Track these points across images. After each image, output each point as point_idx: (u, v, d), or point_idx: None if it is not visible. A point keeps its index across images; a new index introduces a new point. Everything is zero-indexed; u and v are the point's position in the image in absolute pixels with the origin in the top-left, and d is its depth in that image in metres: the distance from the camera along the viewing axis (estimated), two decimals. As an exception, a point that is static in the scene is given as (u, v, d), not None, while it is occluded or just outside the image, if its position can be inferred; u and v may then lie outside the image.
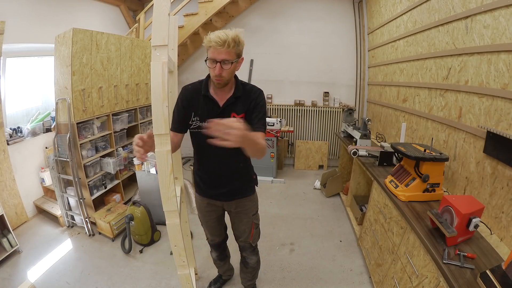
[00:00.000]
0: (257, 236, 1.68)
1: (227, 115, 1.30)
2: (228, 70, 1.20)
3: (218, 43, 1.13)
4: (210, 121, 0.92)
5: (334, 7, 3.99)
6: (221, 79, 1.22)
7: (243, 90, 1.34)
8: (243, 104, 1.33)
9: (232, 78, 1.30)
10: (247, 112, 1.33)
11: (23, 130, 2.86)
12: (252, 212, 1.61)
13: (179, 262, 1.16)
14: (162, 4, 0.89)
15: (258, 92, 1.37)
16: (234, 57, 1.19)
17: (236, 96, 1.31)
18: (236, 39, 1.15)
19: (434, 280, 1.18)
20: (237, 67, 1.26)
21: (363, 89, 3.97)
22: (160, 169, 0.95)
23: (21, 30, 2.70)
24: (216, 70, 1.18)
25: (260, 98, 1.36)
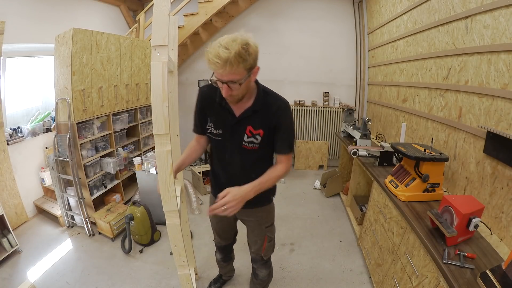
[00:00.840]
0: (270, 249, 1.56)
1: (243, 128, 1.18)
2: (239, 89, 1.04)
3: (218, 64, 0.94)
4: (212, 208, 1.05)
5: (334, 7, 3.99)
6: (232, 98, 1.09)
7: (264, 103, 1.16)
8: (262, 119, 1.17)
9: (249, 89, 1.14)
10: (267, 130, 1.18)
11: (23, 130, 2.86)
12: (266, 223, 1.47)
13: (179, 262, 1.16)
14: (162, 4, 0.89)
15: (282, 108, 1.18)
16: (243, 75, 1.00)
17: (254, 110, 1.16)
18: (242, 52, 0.94)
19: (434, 280, 1.18)
20: (251, 81, 1.09)
21: (363, 89, 3.97)
22: (160, 169, 0.95)
23: (21, 30, 2.70)
24: (223, 92, 1.04)
25: (285, 117, 1.18)
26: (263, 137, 1.19)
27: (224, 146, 1.25)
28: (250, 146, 1.20)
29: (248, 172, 1.24)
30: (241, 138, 1.19)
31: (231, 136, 1.21)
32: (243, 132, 1.18)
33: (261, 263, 1.59)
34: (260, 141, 1.19)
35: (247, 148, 1.21)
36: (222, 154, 1.28)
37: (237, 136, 1.20)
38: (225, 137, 1.23)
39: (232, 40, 0.95)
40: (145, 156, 2.74)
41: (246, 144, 1.20)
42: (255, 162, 1.25)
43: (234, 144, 1.22)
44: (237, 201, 1.06)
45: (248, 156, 1.23)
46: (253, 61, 1.00)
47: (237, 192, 1.07)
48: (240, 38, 0.96)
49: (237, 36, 0.97)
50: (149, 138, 3.71)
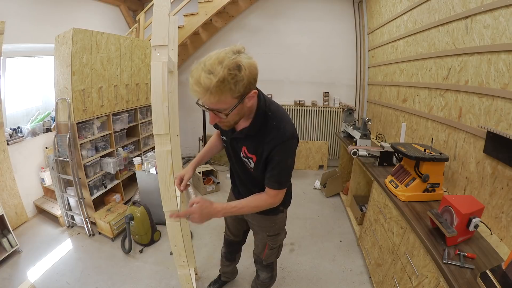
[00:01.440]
0: (272, 256, 1.52)
1: (239, 146, 1.12)
2: (227, 118, 0.91)
3: (197, 93, 0.81)
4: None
5: (334, 7, 3.99)
6: (223, 124, 0.98)
7: (261, 128, 1.02)
8: (256, 145, 1.05)
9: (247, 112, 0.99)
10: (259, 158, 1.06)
11: (23, 130, 2.86)
12: (269, 232, 1.41)
13: (179, 262, 1.16)
14: (162, 4, 0.89)
15: (277, 140, 0.99)
16: (230, 103, 0.85)
17: (247, 134, 1.06)
18: (228, 79, 0.78)
19: (434, 280, 1.18)
20: (245, 107, 0.92)
21: (363, 89, 3.97)
22: (160, 169, 0.95)
23: (21, 30, 2.70)
24: (210, 120, 0.93)
25: (278, 151, 1.00)
26: (256, 164, 1.09)
27: (229, 154, 1.24)
28: (247, 163, 1.14)
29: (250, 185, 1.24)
30: (239, 152, 1.15)
31: (231, 148, 1.18)
32: (240, 149, 1.13)
33: (260, 265, 1.58)
34: (254, 166, 1.11)
35: (245, 163, 1.16)
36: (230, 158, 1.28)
37: (236, 150, 1.17)
38: (227, 146, 1.21)
39: (218, 61, 0.78)
40: (145, 156, 2.74)
41: (244, 159, 1.15)
42: (254, 178, 1.19)
43: (235, 155, 1.19)
44: (202, 216, 1.00)
45: (247, 172, 1.19)
46: (244, 88, 0.83)
47: (206, 207, 1.01)
48: (230, 59, 0.78)
49: (227, 55, 0.79)
50: (149, 138, 3.71)
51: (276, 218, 1.39)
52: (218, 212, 1.04)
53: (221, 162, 4.62)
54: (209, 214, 1.03)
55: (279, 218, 1.40)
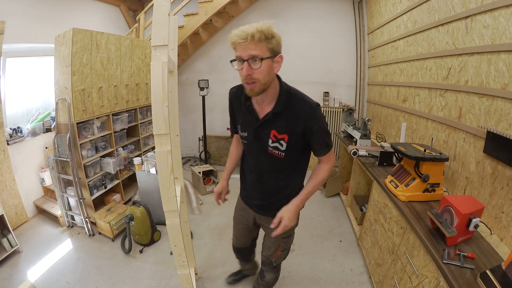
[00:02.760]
0: (282, 257, 1.52)
1: (267, 132, 1.12)
2: (260, 70, 0.96)
3: (241, 36, 0.92)
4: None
5: (334, 7, 3.99)
6: (253, 83, 0.99)
7: (287, 104, 1.08)
8: (287, 123, 1.08)
9: (271, 83, 1.05)
10: (293, 135, 1.09)
11: (23, 130, 2.86)
12: (283, 234, 1.37)
13: (179, 262, 1.16)
14: (162, 4, 0.89)
15: (308, 113, 1.07)
16: (266, 53, 0.95)
17: (275, 112, 1.08)
18: (266, 31, 0.93)
19: (434, 280, 1.18)
20: (274, 68, 1.02)
21: (363, 89, 3.97)
22: (160, 169, 0.95)
23: (21, 30, 2.70)
24: (243, 71, 0.97)
25: (313, 121, 1.07)
26: (289, 144, 1.10)
27: (249, 151, 1.24)
28: (276, 152, 1.13)
29: (276, 180, 1.22)
30: (266, 142, 1.13)
31: (255, 140, 1.16)
32: (268, 137, 1.12)
33: (269, 266, 1.55)
34: (285, 148, 1.11)
35: (273, 153, 1.15)
36: (248, 158, 1.28)
37: (261, 141, 1.15)
38: (250, 141, 1.19)
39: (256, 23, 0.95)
40: (145, 156, 2.74)
41: (272, 150, 1.14)
42: (284, 170, 1.20)
43: (259, 149, 1.17)
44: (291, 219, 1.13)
45: (276, 163, 1.17)
46: (276, 45, 0.97)
47: (289, 214, 1.12)
48: (264, 22, 0.95)
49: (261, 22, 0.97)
50: (149, 138, 3.71)
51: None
52: (298, 206, 1.16)
53: (221, 162, 4.62)
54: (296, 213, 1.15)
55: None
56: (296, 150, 1.14)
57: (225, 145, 4.56)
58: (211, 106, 4.48)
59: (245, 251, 1.76)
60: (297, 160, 1.21)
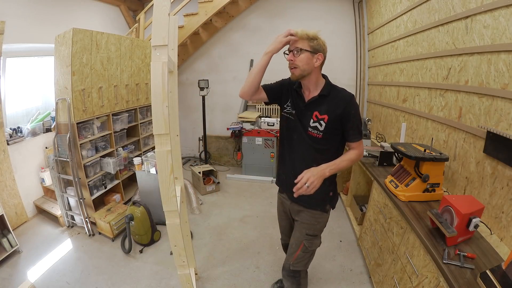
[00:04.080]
0: (301, 261, 1.46)
1: (310, 113, 1.31)
2: (300, 58, 1.23)
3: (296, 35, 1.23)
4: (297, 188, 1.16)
5: (334, 7, 3.99)
6: (294, 68, 1.25)
7: (331, 91, 1.31)
8: (328, 106, 1.28)
9: (311, 73, 1.28)
10: (332, 117, 1.27)
11: (23, 130, 2.86)
12: (308, 230, 1.41)
13: (179, 262, 1.16)
14: (162, 4, 0.89)
15: (348, 99, 1.28)
16: (307, 47, 1.22)
17: (321, 95, 1.30)
18: (311, 33, 1.22)
19: (434, 280, 1.18)
20: (313, 62, 1.25)
21: (363, 89, 3.96)
22: (160, 169, 0.95)
23: (21, 30, 2.70)
24: (288, 57, 1.26)
25: (351, 107, 1.27)
26: (327, 124, 1.27)
27: (295, 126, 1.36)
28: (315, 132, 1.29)
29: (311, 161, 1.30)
30: (307, 122, 1.30)
31: (300, 119, 1.34)
32: (310, 117, 1.30)
33: (287, 272, 1.50)
34: (324, 128, 1.27)
35: (311, 134, 1.30)
36: (291, 133, 1.38)
37: (305, 120, 1.32)
38: (296, 118, 1.35)
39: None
40: (145, 156, 2.74)
41: (311, 130, 1.30)
42: (319, 151, 1.32)
43: (301, 129, 1.33)
44: (316, 177, 1.15)
45: (314, 142, 1.31)
46: (317, 45, 1.23)
47: (314, 170, 1.17)
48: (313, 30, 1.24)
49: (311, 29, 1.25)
50: (149, 138, 3.71)
51: (320, 217, 1.43)
52: (325, 170, 1.19)
53: (221, 162, 4.62)
54: (320, 174, 1.17)
55: (323, 218, 1.44)
56: (332, 132, 1.28)
57: (225, 145, 4.56)
58: (211, 106, 4.48)
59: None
60: (332, 144, 1.33)
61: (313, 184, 1.13)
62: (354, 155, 1.30)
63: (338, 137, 1.32)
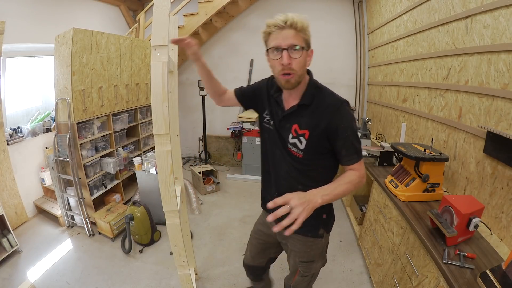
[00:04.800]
0: (303, 284, 1.34)
1: (289, 126, 1.04)
2: (299, 60, 0.92)
3: (279, 25, 0.91)
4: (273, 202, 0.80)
5: (334, 7, 3.99)
6: (291, 73, 0.93)
7: (314, 98, 1.01)
8: (310, 117, 1.00)
9: (304, 77, 1.01)
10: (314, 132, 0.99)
11: (23, 130, 2.86)
12: (301, 258, 1.23)
13: (179, 262, 1.16)
14: (162, 4, 0.89)
15: (335, 108, 0.98)
16: (303, 44, 0.93)
17: (300, 104, 1.01)
18: (304, 21, 0.94)
19: (434, 280, 1.18)
20: (307, 61, 0.99)
21: (363, 89, 3.96)
22: (160, 169, 0.95)
23: (21, 30, 2.70)
24: (284, 59, 0.91)
25: (340, 119, 0.97)
26: (309, 141, 1.00)
27: (276, 140, 1.11)
28: (294, 150, 1.04)
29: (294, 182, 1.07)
30: (286, 136, 1.06)
31: (277, 132, 1.09)
32: (289, 130, 1.04)
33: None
34: (305, 146, 1.01)
35: (291, 152, 1.05)
36: (274, 148, 1.13)
37: (284, 133, 1.07)
38: (273, 133, 1.12)
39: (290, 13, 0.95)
40: (145, 156, 2.74)
41: (291, 147, 1.05)
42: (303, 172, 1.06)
43: (280, 144, 1.09)
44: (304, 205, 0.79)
45: (294, 162, 1.06)
46: (309, 37, 0.97)
47: (302, 195, 0.82)
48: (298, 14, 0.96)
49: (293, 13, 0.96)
50: (149, 138, 3.71)
51: (313, 243, 1.20)
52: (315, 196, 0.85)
53: (221, 162, 4.62)
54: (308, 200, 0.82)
55: (316, 244, 1.21)
56: (316, 151, 1.02)
57: (225, 145, 4.56)
58: (211, 106, 4.47)
59: (258, 271, 1.54)
60: (319, 164, 1.06)
61: (302, 215, 0.78)
62: (354, 176, 0.97)
63: (326, 156, 1.04)
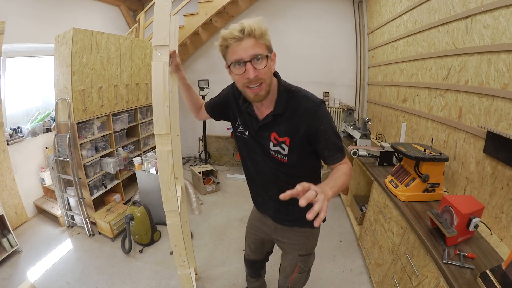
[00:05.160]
0: (300, 282, 1.35)
1: (267, 135, 1.02)
2: (265, 70, 0.88)
3: (236, 37, 0.83)
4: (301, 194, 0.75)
5: (334, 7, 3.99)
6: (261, 83, 0.89)
7: (288, 104, 0.98)
8: (287, 125, 0.98)
9: (272, 82, 0.97)
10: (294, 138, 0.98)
11: (23, 130, 2.86)
12: (301, 251, 1.25)
13: (180, 262, 1.16)
14: (164, 4, 0.89)
15: (311, 111, 0.95)
16: (265, 50, 0.88)
17: (275, 114, 0.98)
18: (262, 27, 0.85)
19: (434, 280, 1.18)
20: (271, 67, 0.94)
21: (363, 89, 3.97)
22: (161, 169, 0.95)
23: (21, 30, 2.70)
24: (249, 73, 0.86)
25: (318, 122, 0.95)
26: (291, 147, 0.99)
27: (254, 149, 1.10)
28: (278, 156, 1.03)
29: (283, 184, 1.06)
30: (267, 145, 1.04)
31: (256, 142, 1.07)
32: (268, 139, 1.03)
33: None
34: (287, 152, 1.00)
35: (276, 158, 1.04)
36: (254, 156, 1.12)
37: (263, 142, 1.05)
38: (251, 143, 1.10)
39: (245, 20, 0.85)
40: (145, 156, 2.74)
41: (274, 153, 1.04)
42: (290, 174, 1.06)
43: (262, 152, 1.07)
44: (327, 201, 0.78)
45: (280, 167, 1.06)
46: (269, 40, 0.89)
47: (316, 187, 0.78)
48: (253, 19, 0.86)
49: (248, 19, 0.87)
50: (149, 138, 3.71)
51: (310, 234, 1.25)
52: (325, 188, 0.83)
53: (221, 162, 4.62)
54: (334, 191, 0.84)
55: (313, 234, 1.27)
56: (300, 155, 1.02)
57: (225, 145, 4.56)
58: (211, 106, 4.47)
59: (259, 265, 1.57)
60: (306, 163, 1.07)
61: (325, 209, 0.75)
62: (346, 169, 0.97)
63: (311, 156, 1.05)
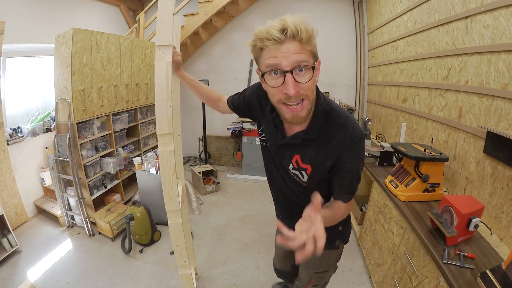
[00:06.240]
0: None
1: (290, 155, 0.89)
2: (309, 84, 0.69)
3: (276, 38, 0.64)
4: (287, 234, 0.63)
5: (334, 7, 3.99)
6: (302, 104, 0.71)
7: (322, 129, 0.82)
8: (316, 153, 0.84)
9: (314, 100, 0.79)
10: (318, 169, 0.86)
11: (23, 130, 2.86)
12: (316, 269, 1.19)
13: (181, 262, 1.16)
14: (167, 4, 0.89)
15: (348, 145, 0.80)
16: (311, 58, 0.70)
17: (305, 138, 0.83)
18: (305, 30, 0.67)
19: (434, 280, 1.18)
20: (316, 80, 0.76)
21: (363, 89, 3.97)
22: (163, 169, 0.95)
23: (21, 30, 2.70)
24: (289, 89, 0.67)
25: (350, 159, 0.82)
26: (311, 177, 0.88)
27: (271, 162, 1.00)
28: (297, 179, 0.93)
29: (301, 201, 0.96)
30: (286, 165, 0.93)
31: (276, 158, 0.96)
32: (289, 160, 0.90)
33: None
34: (306, 180, 0.90)
35: (295, 180, 0.94)
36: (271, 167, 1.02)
37: (282, 160, 0.93)
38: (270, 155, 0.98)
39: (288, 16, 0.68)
40: (145, 156, 2.74)
41: (293, 175, 0.93)
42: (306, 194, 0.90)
43: (280, 167, 0.96)
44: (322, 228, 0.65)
45: (298, 187, 0.96)
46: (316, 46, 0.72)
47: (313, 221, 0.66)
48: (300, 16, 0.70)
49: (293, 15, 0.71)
50: (149, 138, 3.71)
51: (329, 255, 1.16)
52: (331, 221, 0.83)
53: (221, 162, 4.62)
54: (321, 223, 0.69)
55: (332, 255, 1.17)
56: (319, 184, 0.90)
57: (225, 145, 4.56)
58: (211, 106, 4.48)
59: (287, 275, 1.56)
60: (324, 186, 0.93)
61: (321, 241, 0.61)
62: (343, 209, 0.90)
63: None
